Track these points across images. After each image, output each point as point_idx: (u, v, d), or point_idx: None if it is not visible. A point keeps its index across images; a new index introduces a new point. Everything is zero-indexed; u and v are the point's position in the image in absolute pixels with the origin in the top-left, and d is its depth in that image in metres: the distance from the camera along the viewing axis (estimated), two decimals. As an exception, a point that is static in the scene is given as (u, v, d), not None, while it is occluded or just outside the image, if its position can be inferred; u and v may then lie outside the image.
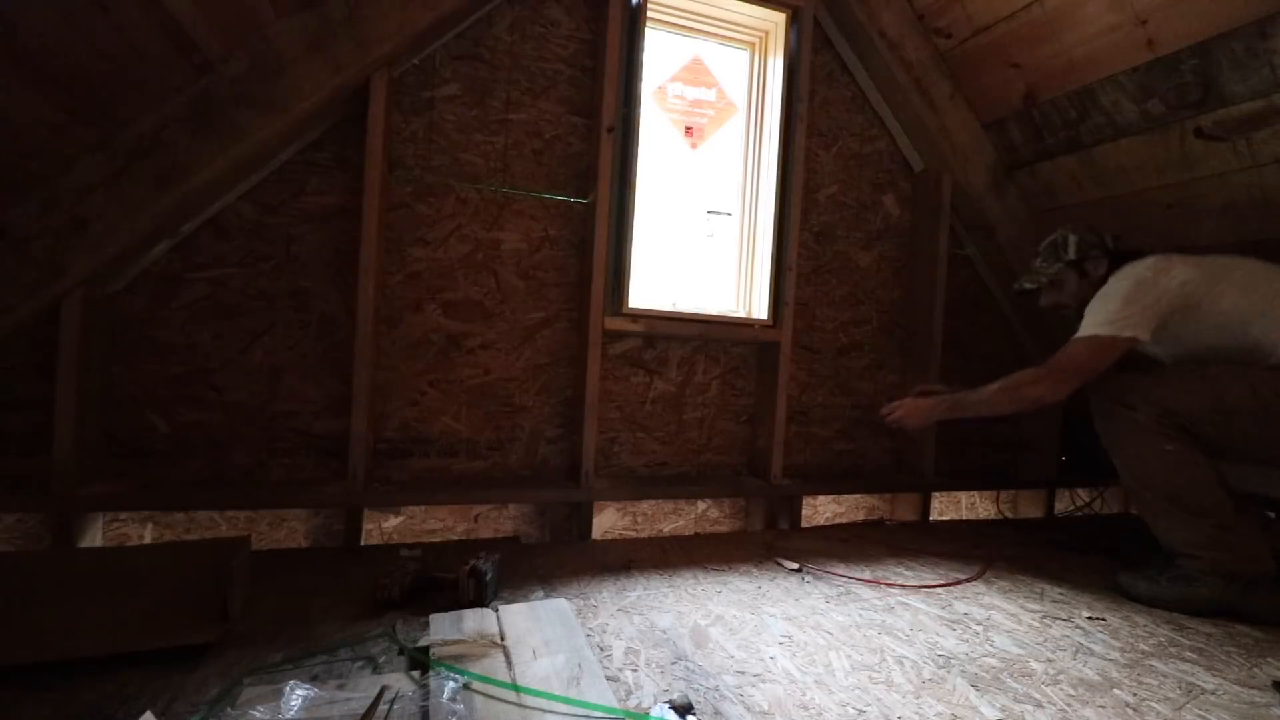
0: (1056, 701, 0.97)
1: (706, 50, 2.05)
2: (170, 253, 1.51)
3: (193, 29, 1.23)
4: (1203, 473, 1.36)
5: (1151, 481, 1.41)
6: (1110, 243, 1.62)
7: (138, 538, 1.58)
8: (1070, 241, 1.64)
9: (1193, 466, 1.36)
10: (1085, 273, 1.62)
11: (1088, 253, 1.61)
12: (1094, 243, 1.61)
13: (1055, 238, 1.68)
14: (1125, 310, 1.43)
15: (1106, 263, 1.59)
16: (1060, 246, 1.66)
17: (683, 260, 2.04)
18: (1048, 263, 1.67)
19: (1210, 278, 1.43)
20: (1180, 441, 1.37)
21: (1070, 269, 1.64)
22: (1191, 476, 1.36)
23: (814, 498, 2.17)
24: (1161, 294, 1.43)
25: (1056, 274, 1.66)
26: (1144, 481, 1.42)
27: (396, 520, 1.74)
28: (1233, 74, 1.51)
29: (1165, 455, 1.37)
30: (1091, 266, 1.61)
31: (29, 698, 0.85)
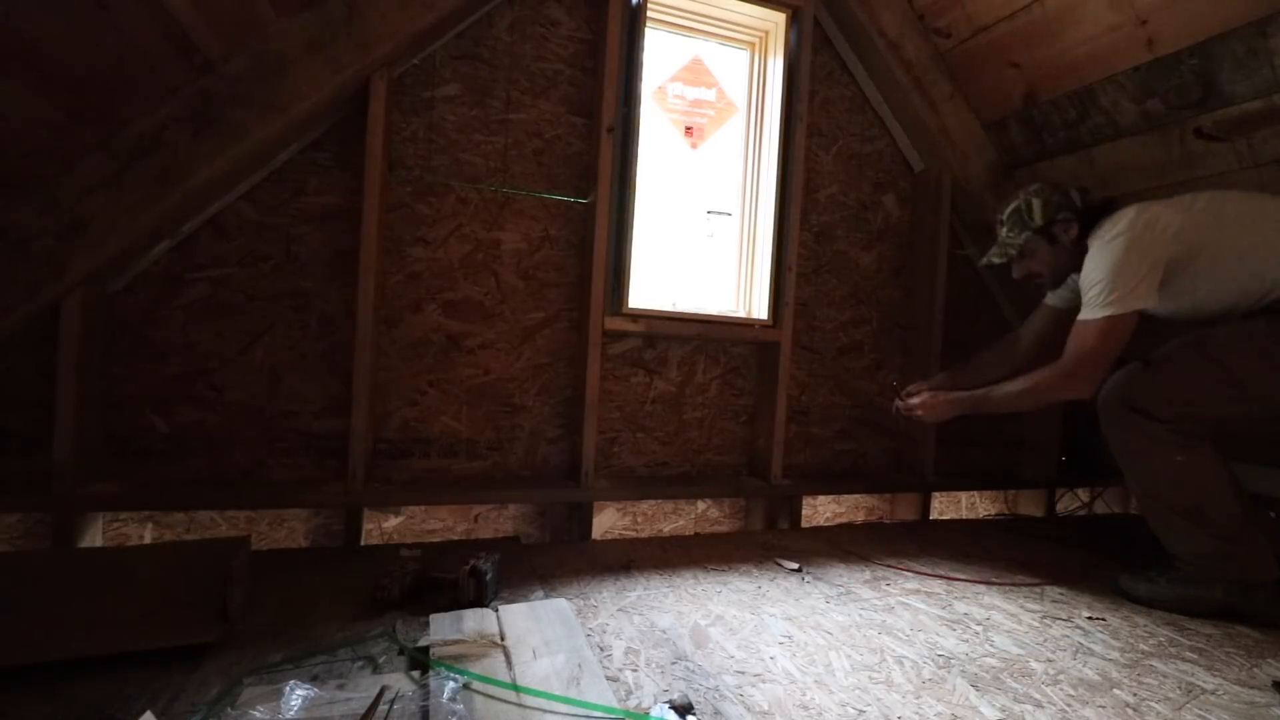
0: (1056, 701, 0.97)
1: (706, 50, 2.05)
2: (170, 253, 1.51)
3: (193, 29, 1.23)
4: (1213, 483, 1.32)
5: (1159, 491, 1.37)
6: (1079, 200, 1.50)
7: (138, 538, 1.58)
8: (1035, 206, 1.51)
9: (1203, 477, 1.32)
10: (1055, 238, 1.51)
11: (1055, 216, 1.50)
12: (1060, 204, 1.50)
13: (1018, 203, 1.55)
14: (1127, 280, 1.34)
15: (1077, 225, 1.49)
16: (1024, 213, 1.54)
17: (683, 260, 2.04)
18: (1014, 232, 1.56)
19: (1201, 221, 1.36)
20: (1193, 451, 1.31)
21: (1039, 236, 1.53)
22: (1201, 488, 1.32)
23: (814, 498, 2.17)
24: (1159, 250, 1.34)
25: (1025, 243, 1.55)
26: (1151, 491, 1.38)
27: (396, 520, 1.74)
28: (1233, 74, 1.51)
29: (1176, 466, 1.32)
30: (1061, 231, 1.50)
31: (29, 697, 0.85)
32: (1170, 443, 1.33)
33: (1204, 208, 1.38)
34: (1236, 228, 1.35)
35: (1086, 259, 1.43)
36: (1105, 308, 1.36)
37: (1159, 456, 1.34)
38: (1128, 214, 1.40)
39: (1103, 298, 1.37)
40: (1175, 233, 1.35)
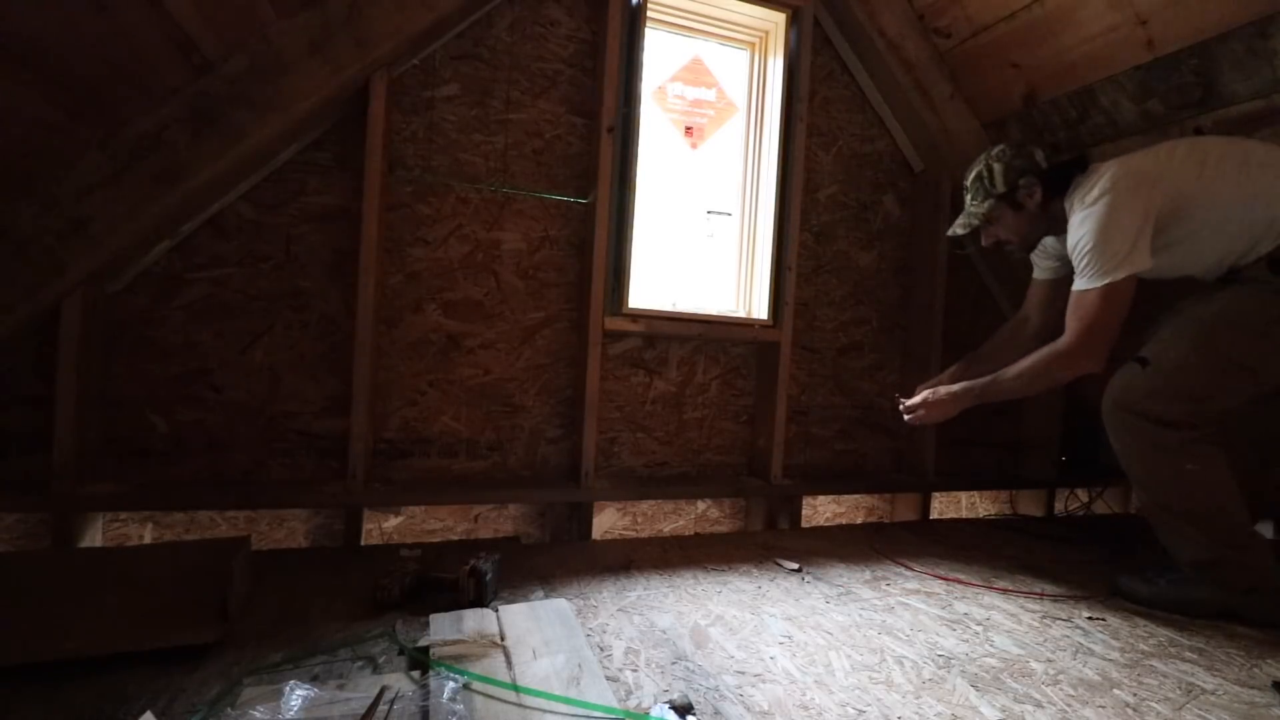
0: (1056, 701, 0.97)
1: (706, 50, 2.05)
2: (170, 253, 1.51)
3: (193, 29, 1.23)
4: (1222, 493, 1.30)
5: (1166, 499, 1.35)
6: (1044, 160, 1.44)
7: (138, 538, 1.58)
8: (995, 171, 1.45)
9: (1212, 486, 1.30)
10: (1019, 204, 1.45)
11: (1017, 181, 1.43)
12: (1023, 167, 1.43)
13: (980, 169, 1.49)
14: (1119, 243, 1.28)
15: (1040, 188, 1.43)
16: (986, 179, 1.47)
17: (683, 260, 2.04)
18: (978, 200, 1.50)
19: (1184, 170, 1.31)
20: (1203, 459, 1.29)
21: (1002, 202, 1.47)
22: (1210, 497, 1.31)
23: (814, 498, 2.17)
24: (1147, 206, 1.29)
25: (989, 211, 1.48)
26: (1158, 498, 1.36)
27: (396, 520, 1.74)
28: (1233, 74, 1.51)
29: (1186, 475, 1.30)
30: (1025, 196, 1.44)
31: (29, 697, 0.85)
32: (1180, 451, 1.29)
33: (1185, 155, 1.33)
34: (1217, 172, 1.30)
35: (1071, 224, 1.37)
36: (1101, 276, 1.30)
37: (1168, 465, 1.31)
38: (1108, 170, 1.34)
39: (1097, 265, 1.30)
40: (1157, 184, 1.29)
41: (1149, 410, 1.31)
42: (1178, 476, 1.31)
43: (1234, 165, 1.30)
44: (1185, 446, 1.29)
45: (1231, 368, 1.29)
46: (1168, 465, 1.31)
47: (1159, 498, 1.36)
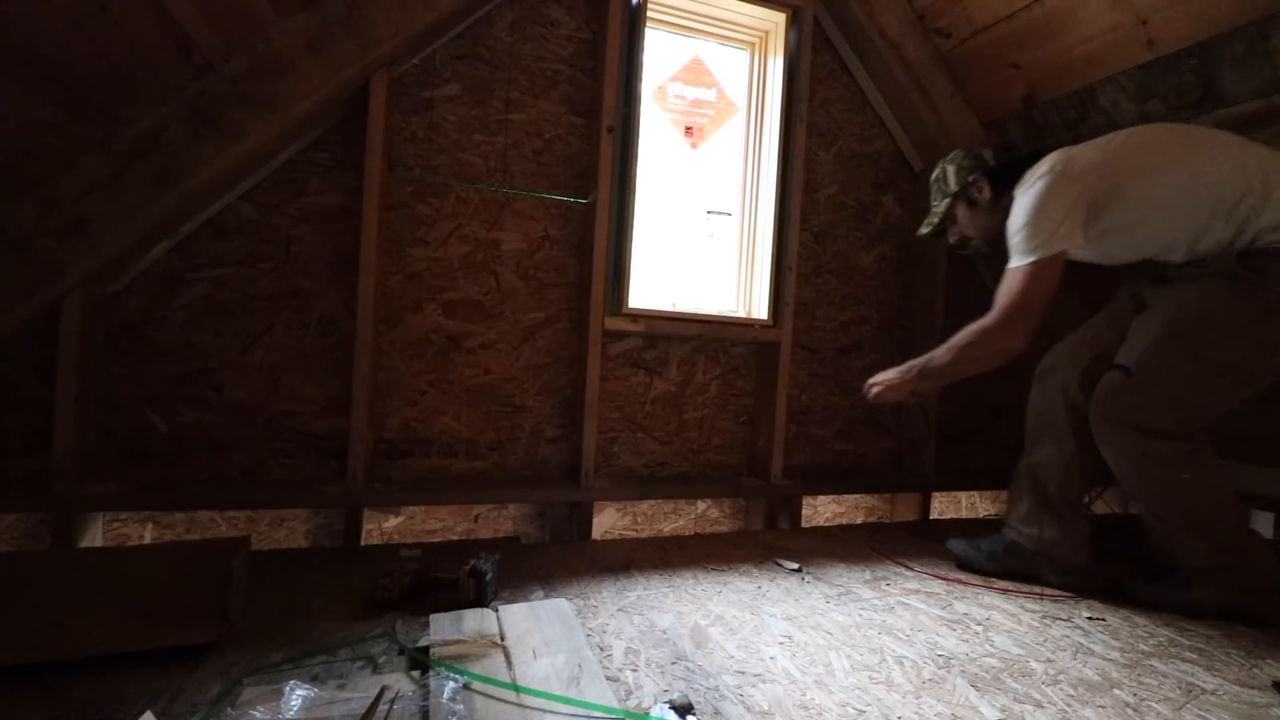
0: (1056, 701, 0.97)
1: (706, 50, 2.05)
2: (170, 253, 1.51)
3: (193, 29, 1.23)
4: (1219, 500, 1.32)
5: (1165, 511, 1.36)
6: (991, 159, 1.54)
7: (138, 538, 1.58)
8: (949, 173, 1.57)
9: (1209, 494, 1.31)
10: (973, 200, 1.54)
11: (967, 179, 1.54)
12: (971, 166, 1.54)
13: (937, 172, 1.61)
14: (1047, 223, 1.32)
15: (988, 184, 1.51)
16: (941, 181, 1.59)
17: (683, 260, 2.04)
18: (937, 201, 1.61)
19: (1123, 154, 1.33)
20: (1199, 468, 1.30)
21: (958, 201, 1.57)
22: (1208, 505, 1.32)
23: (814, 498, 2.17)
24: (1078, 188, 1.32)
25: (947, 210, 1.59)
26: (1156, 509, 1.37)
27: (396, 520, 1.74)
28: (1233, 74, 1.51)
29: (1182, 484, 1.31)
30: (976, 192, 1.54)
31: (29, 698, 0.85)
32: (1174, 462, 1.30)
33: (1125, 140, 1.37)
34: (1162, 155, 1.32)
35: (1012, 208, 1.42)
36: (1028, 254, 1.34)
37: (1164, 477, 1.32)
38: (1049, 159, 1.39)
39: (1025, 244, 1.35)
40: (1095, 169, 1.32)
41: (1139, 422, 1.31)
42: (1174, 487, 1.32)
43: (1177, 148, 1.32)
44: (1179, 457, 1.30)
45: (1218, 373, 1.29)
46: (1163, 476, 1.32)
47: (1156, 509, 1.37)
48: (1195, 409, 1.31)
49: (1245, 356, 1.28)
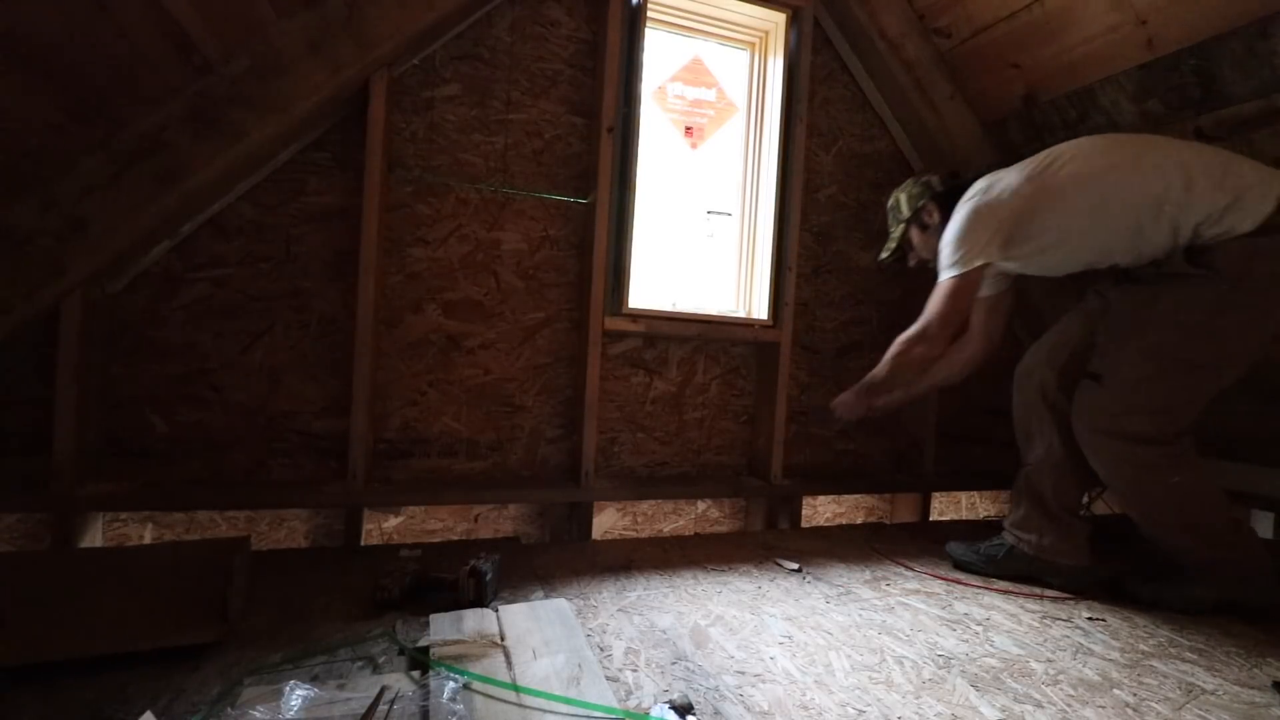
0: (1056, 702, 0.97)
1: (706, 50, 2.05)
2: (170, 253, 1.51)
3: (193, 29, 1.23)
4: (1208, 499, 1.33)
5: (1158, 515, 1.37)
6: (939, 185, 1.61)
7: (138, 538, 1.58)
8: (901, 201, 1.65)
9: (1198, 495, 1.32)
10: (924, 225, 1.62)
11: (918, 204, 1.62)
12: (920, 193, 1.62)
13: (891, 201, 1.70)
14: (965, 243, 1.40)
15: (937, 208, 1.58)
16: (895, 208, 1.68)
17: (683, 260, 2.04)
18: (893, 228, 1.69)
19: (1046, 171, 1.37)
20: (1185, 469, 1.31)
21: (911, 225, 1.65)
22: (1197, 505, 1.33)
23: (814, 498, 2.17)
24: (1000, 211, 1.38)
25: (903, 235, 1.67)
26: (1148, 514, 1.39)
27: (396, 520, 1.74)
28: (1233, 74, 1.51)
29: (1171, 488, 1.32)
30: (926, 216, 1.61)
31: (29, 697, 0.85)
32: (1162, 466, 1.31)
33: (1046, 162, 1.40)
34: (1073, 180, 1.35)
35: None
36: (947, 270, 1.43)
37: (1152, 481, 1.34)
38: (978, 183, 1.47)
39: (946, 261, 1.43)
40: (1013, 194, 1.38)
41: (1123, 429, 1.33)
42: (1163, 491, 1.33)
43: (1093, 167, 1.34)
44: (1165, 460, 1.31)
45: (1190, 372, 1.30)
46: (1151, 481, 1.34)
47: (1148, 513, 1.38)
48: (1175, 411, 1.32)
49: (1212, 351, 1.29)
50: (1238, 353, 1.30)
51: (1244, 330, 1.27)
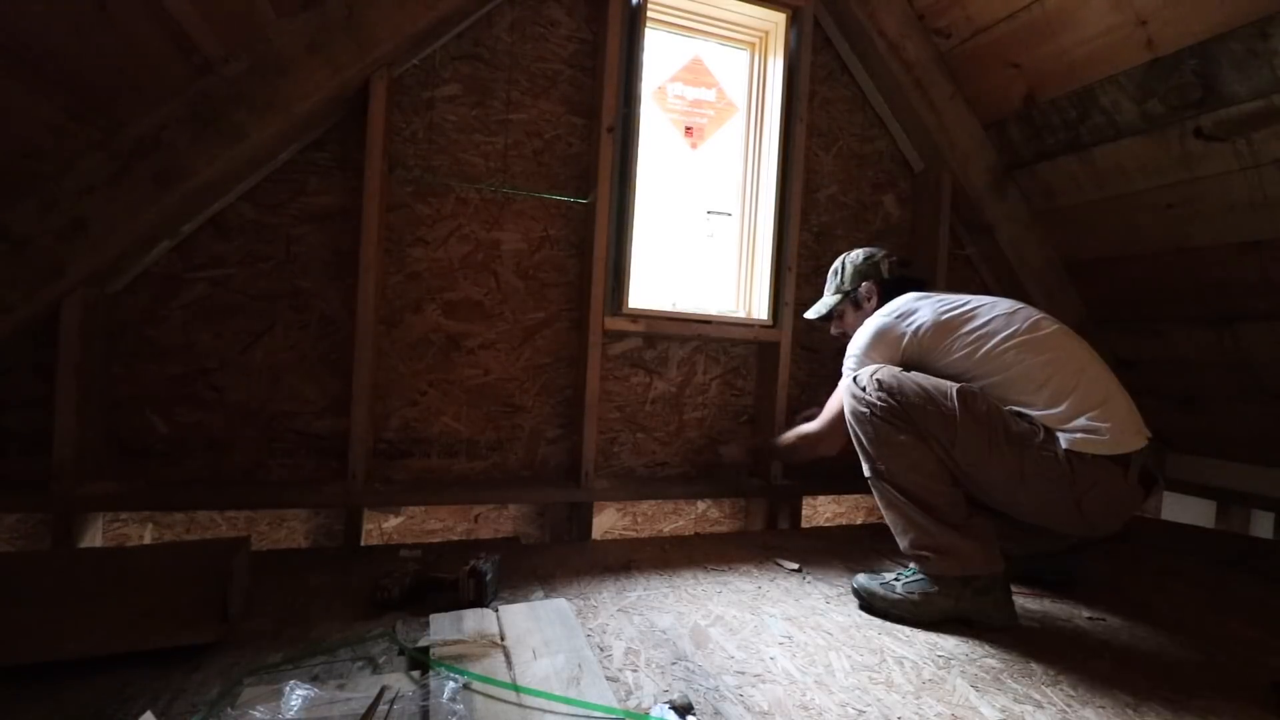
0: (1057, 701, 0.97)
1: (706, 50, 2.05)
2: (170, 253, 1.51)
3: (193, 29, 1.23)
4: (934, 468, 1.26)
5: (889, 472, 1.29)
6: (887, 272, 1.58)
7: (138, 538, 1.58)
8: (847, 272, 1.63)
9: (925, 461, 1.26)
10: (860, 305, 1.60)
11: (859, 284, 1.60)
12: (867, 273, 1.59)
13: (837, 264, 1.67)
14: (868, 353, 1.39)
15: (878, 296, 1.55)
16: (838, 275, 1.65)
17: (683, 260, 2.04)
18: (830, 293, 1.68)
19: (944, 339, 1.34)
20: (910, 434, 1.26)
21: (847, 300, 1.63)
22: (925, 473, 1.26)
23: (814, 498, 2.17)
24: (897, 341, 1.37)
25: (836, 305, 1.66)
26: (881, 470, 1.30)
27: (396, 520, 1.74)
28: (1233, 74, 1.51)
29: (900, 445, 1.27)
30: (865, 298, 1.59)
31: (29, 698, 0.85)
32: (888, 421, 1.27)
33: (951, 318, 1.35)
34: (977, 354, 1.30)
35: None
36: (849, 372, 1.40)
37: (883, 434, 1.28)
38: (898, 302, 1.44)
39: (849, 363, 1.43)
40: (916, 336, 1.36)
41: (870, 388, 1.30)
42: (897, 446, 1.27)
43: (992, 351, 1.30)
44: (889, 418, 1.27)
45: (942, 419, 1.25)
46: (885, 432, 1.28)
47: (888, 472, 1.30)
48: (899, 396, 1.27)
49: (977, 451, 1.24)
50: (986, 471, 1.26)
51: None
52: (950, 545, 1.24)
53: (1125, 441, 1.23)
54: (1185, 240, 1.83)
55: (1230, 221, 1.71)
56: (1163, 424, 2.30)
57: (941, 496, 1.27)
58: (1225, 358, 1.95)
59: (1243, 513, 2.14)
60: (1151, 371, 2.20)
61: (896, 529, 1.32)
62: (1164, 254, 1.90)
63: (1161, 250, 1.90)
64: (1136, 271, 2.01)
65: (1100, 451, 1.21)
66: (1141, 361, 2.20)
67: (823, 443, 1.56)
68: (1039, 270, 2.18)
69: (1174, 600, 1.45)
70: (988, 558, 1.24)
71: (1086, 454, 1.21)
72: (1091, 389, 1.26)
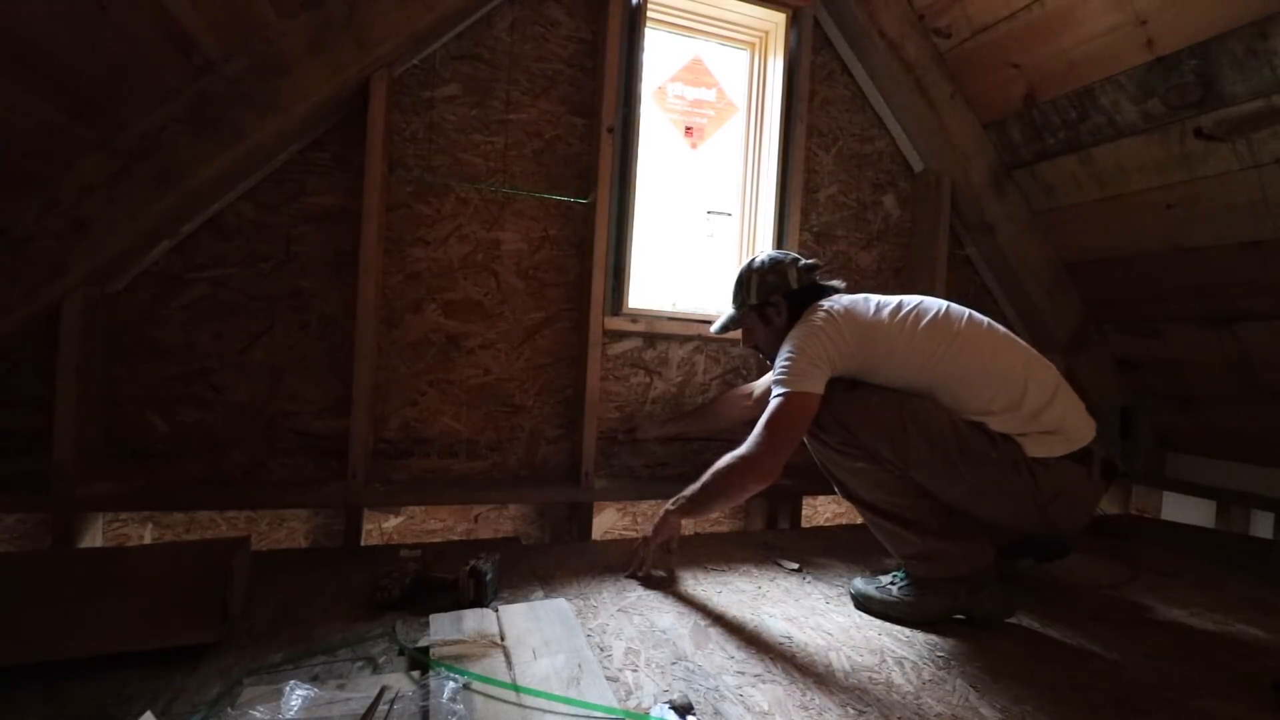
0: (1057, 701, 0.97)
1: (706, 50, 2.05)
2: (170, 253, 1.51)
3: (193, 29, 1.23)
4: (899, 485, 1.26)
5: (862, 496, 1.31)
6: (795, 281, 1.42)
7: (138, 538, 1.58)
8: (753, 284, 1.46)
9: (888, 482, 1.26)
10: (768, 319, 1.45)
11: (768, 298, 1.43)
12: (775, 285, 1.43)
13: (741, 274, 1.50)
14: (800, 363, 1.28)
15: (787, 310, 1.42)
16: (744, 286, 1.48)
17: (683, 260, 2.04)
18: (735, 305, 1.52)
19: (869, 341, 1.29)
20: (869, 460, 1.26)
21: (754, 313, 1.47)
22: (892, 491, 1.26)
23: (814, 498, 2.17)
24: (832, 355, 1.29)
25: (743, 318, 1.50)
26: (857, 497, 1.32)
27: (396, 520, 1.74)
28: (1233, 74, 1.51)
29: (859, 472, 1.28)
30: (773, 313, 1.44)
31: (29, 698, 0.85)
32: (843, 453, 1.28)
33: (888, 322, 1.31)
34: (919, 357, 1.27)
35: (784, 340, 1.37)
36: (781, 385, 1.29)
37: (840, 464, 1.29)
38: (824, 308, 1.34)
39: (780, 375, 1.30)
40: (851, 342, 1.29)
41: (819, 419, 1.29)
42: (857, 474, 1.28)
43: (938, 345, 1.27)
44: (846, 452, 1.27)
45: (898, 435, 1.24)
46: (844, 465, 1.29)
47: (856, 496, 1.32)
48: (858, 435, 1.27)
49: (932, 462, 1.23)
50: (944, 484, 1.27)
51: None
52: (934, 550, 1.24)
53: (1082, 433, 1.24)
54: (1185, 240, 1.83)
55: (1230, 221, 1.71)
56: (1163, 424, 2.30)
57: (913, 510, 1.26)
58: (1225, 358, 1.95)
59: (1243, 513, 2.14)
60: (1151, 371, 2.20)
61: (883, 541, 1.32)
62: (1164, 254, 1.90)
63: (1161, 250, 1.90)
64: (1136, 271, 2.01)
65: (1063, 451, 1.21)
66: (1141, 361, 2.20)
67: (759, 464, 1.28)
68: (1039, 270, 2.18)
69: (1174, 600, 1.45)
70: (975, 555, 1.24)
71: (1050, 459, 1.20)
72: (1041, 381, 1.26)
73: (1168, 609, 1.39)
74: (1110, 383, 2.28)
